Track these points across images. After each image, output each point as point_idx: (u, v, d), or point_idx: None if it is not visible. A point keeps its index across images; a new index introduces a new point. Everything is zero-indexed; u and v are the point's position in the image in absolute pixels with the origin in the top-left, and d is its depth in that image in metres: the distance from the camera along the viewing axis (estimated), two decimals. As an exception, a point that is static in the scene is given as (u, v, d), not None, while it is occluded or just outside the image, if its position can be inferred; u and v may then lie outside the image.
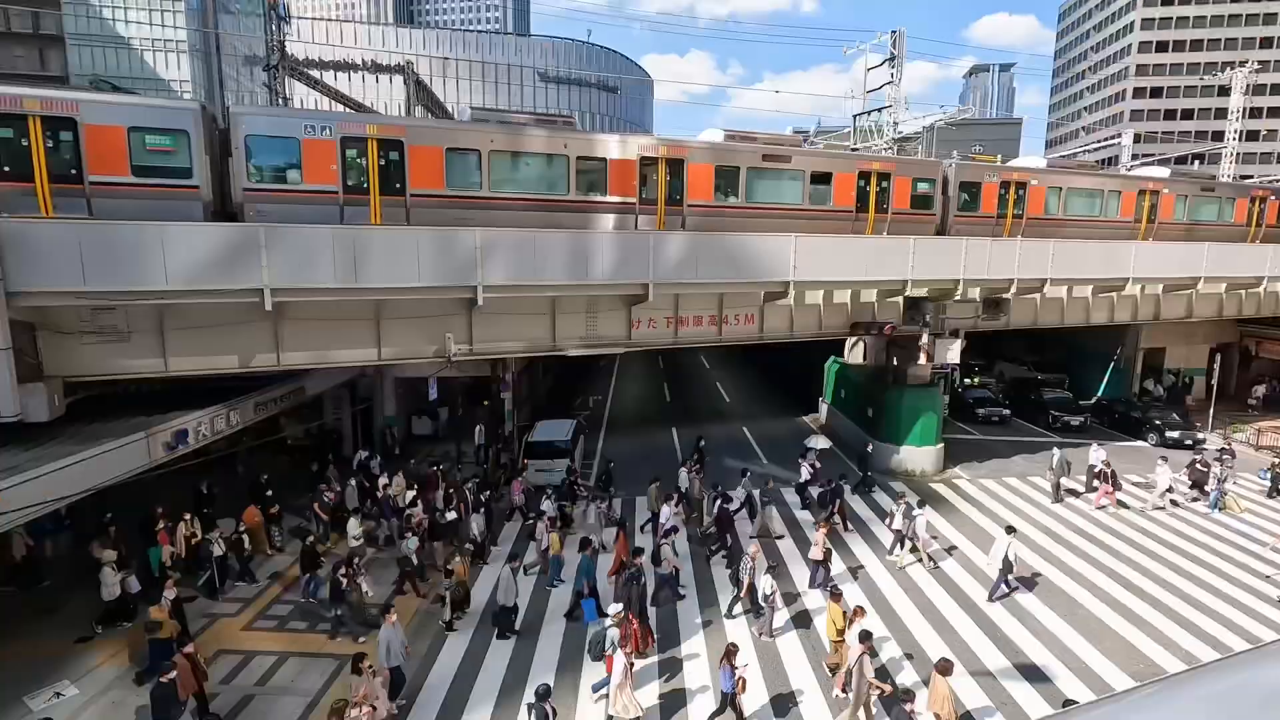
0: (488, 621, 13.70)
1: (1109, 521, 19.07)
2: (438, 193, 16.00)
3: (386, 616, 11.34)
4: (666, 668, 12.48)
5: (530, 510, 18.14)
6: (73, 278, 11.78)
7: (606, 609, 12.37)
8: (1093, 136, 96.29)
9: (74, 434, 13.44)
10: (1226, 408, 30.24)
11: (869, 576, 15.95)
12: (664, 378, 41.73)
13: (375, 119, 17.14)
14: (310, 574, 14.24)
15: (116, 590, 13.19)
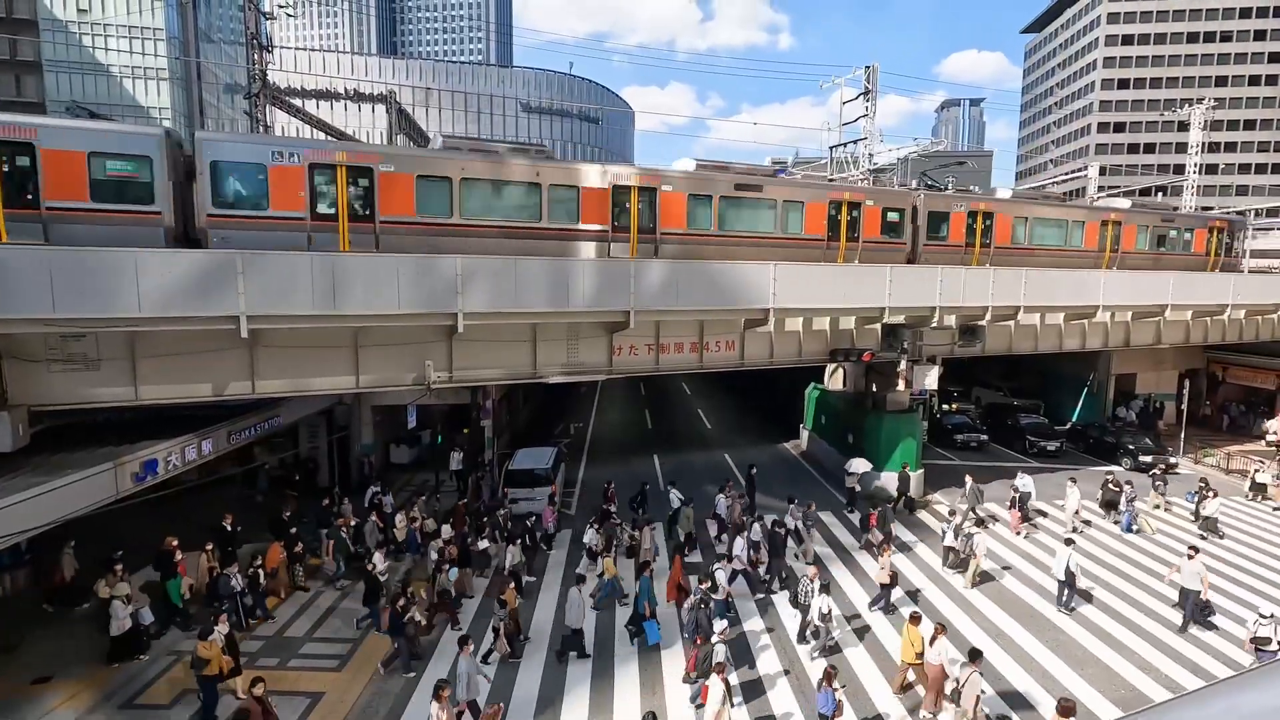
0: (542, 647, 13.73)
1: (1024, 546, 19.19)
2: (408, 219, 15.98)
3: (464, 648, 11.13)
4: (747, 693, 12.36)
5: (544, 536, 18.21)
6: (41, 304, 11.52)
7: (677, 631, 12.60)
8: (1061, 169, 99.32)
9: (39, 465, 13.04)
10: (1196, 432, 30.87)
11: (926, 598, 16.09)
12: (645, 404, 41.68)
13: (344, 146, 17.13)
14: (372, 606, 14.15)
15: (128, 623, 12.91)
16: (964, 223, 22.80)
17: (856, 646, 14.00)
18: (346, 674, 12.81)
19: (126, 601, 13.12)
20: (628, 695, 12.27)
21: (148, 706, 11.79)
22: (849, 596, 16.12)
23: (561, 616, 14.08)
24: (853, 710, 11.65)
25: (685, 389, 47.28)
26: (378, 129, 77.88)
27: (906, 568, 17.64)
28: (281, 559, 15.61)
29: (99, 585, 14.07)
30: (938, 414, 32.22)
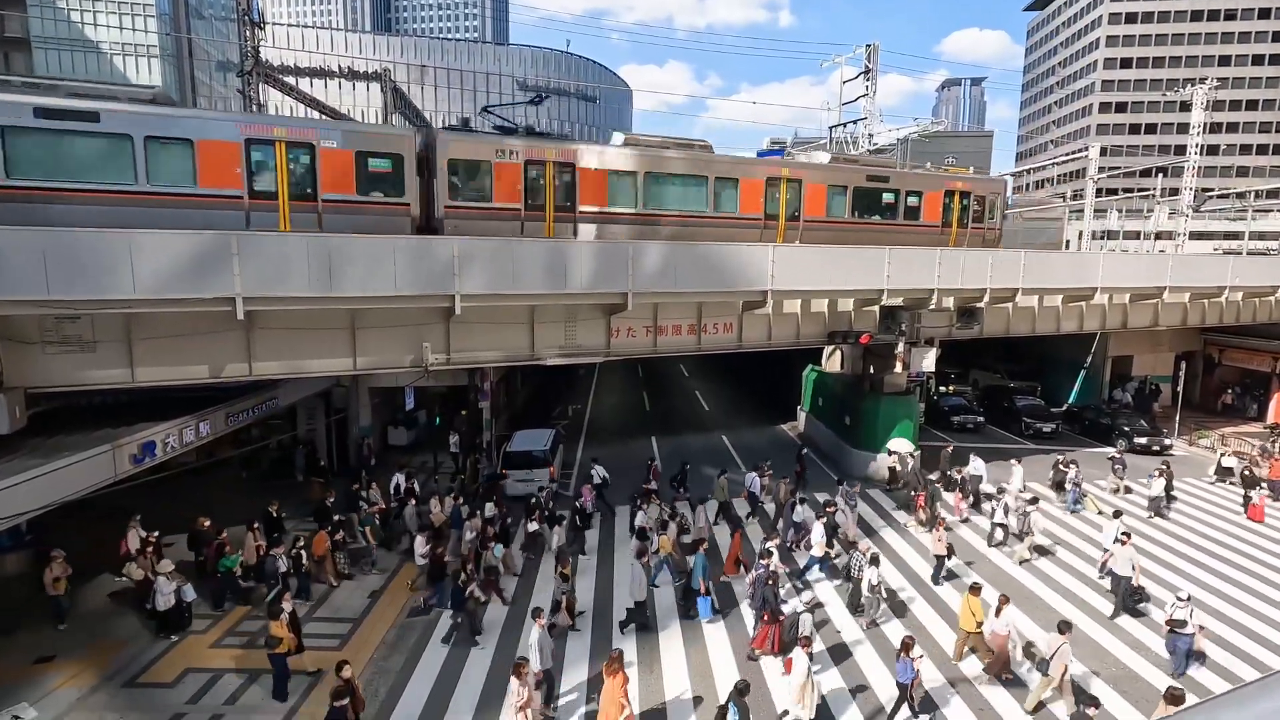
0: (598, 622, 14.08)
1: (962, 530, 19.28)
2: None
3: (537, 619, 11.29)
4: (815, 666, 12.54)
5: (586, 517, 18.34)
6: (35, 287, 11.44)
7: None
8: (1061, 149, 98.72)
9: (36, 447, 13.03)
10: (1192, 414, 31.02)
11: (973, 570, 16.49)
12: (643, 387, 41.73)
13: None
14: (438, 584, 14.46)
15: (171, 600, 13.22)
16: (517, 178, 17.16)
17: (904, 618, 14.51)
18: (346, 654, 12.89)
19: (170, 578, 13.39)
20: (678, 665, 12.70)
21: (150, 685, 11.91)
22: (891, 570, 16.46)
23: (606, 593, 14.99)
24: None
25: (683, 371, 47.32)
26: (373, 108, 77.03)
27: (918, 548, 17.82)
28: (328, 547, 15.50)
29: (129, 567, 14.25)
30: (934, 396, 32.33)
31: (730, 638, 13.59)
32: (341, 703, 9.43)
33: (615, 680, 10.09)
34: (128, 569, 14.30)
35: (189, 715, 11.13)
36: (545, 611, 11.87)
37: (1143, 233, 54.13)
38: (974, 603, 12.35)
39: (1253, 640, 13.67)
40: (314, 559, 15.20)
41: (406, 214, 15.87)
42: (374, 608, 14.75)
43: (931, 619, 14.44)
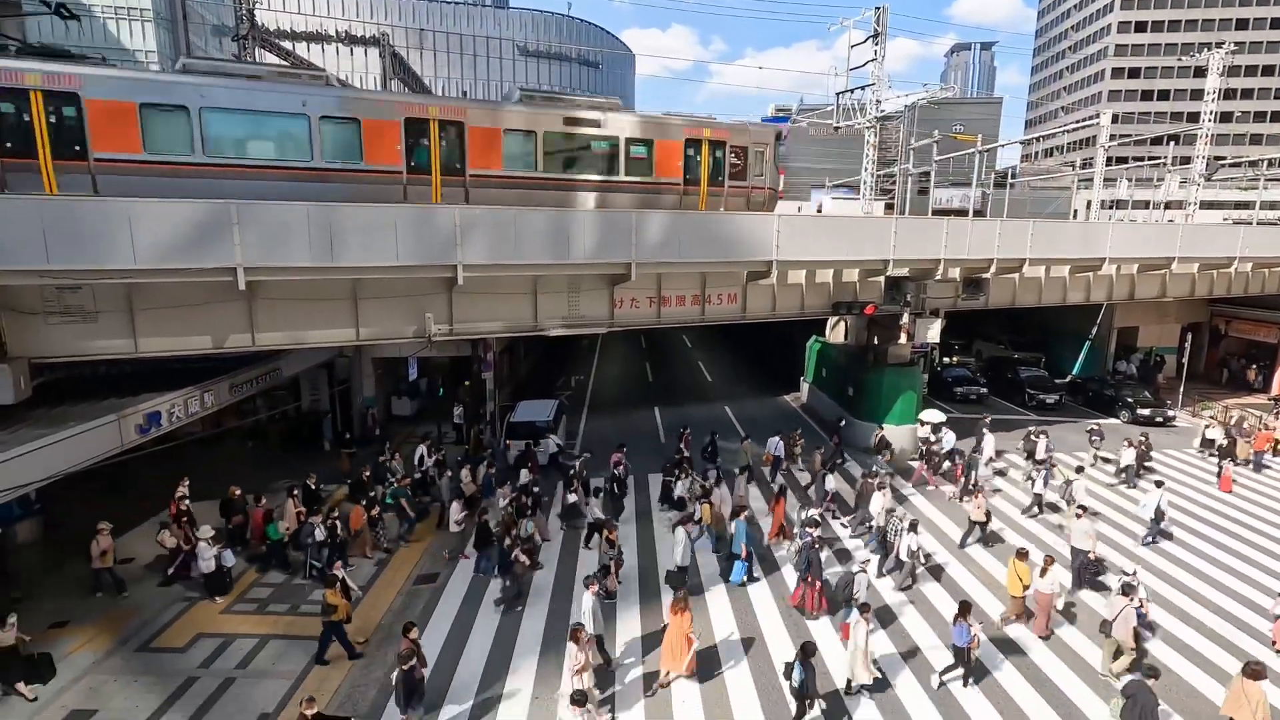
0: (633, 586, 14.44)
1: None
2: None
3: (590, 586, 11.63)
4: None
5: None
6: (35, 256, 11.36)
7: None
8: (1071, 116, 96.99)
9: (41, 417, 13.10)
10: (1196, 385, 30.95)
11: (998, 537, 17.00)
12: (646, 358, 41.70)
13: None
14: (484, 551, 14.72)
15: (212, 565, 13.55)
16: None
17: (940, 581, 14.94)
18: (355, 620, 13.08)
19: (211, 544, 13.66)
20: (725, 622, 13.24)
21: (163, 650, 12.13)
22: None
23: (647, 557, 15.60)
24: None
25: (686, 342, 47.24)
26: (371, 74, 75.73)
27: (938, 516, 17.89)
28: (364, 520, 15.52)
29: (162, 534, 14.44)
30: (938, 367, 32.27)
31: (774, 598, 14.11)
32: (410, 665, 9.68)
33: (683, 617, 11.14)
34: (161, 536, 14.51)
35: (201, 679, 11.35)
36: (596, 579, 12.26)
37: (1152, 202, 53.42)
38: (1021, 568, 12.70)
39: (1204, 607, 13.97)
40: (351, 533, 15.20)
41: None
42: (381, 575, 14.96)
43: (969, 582, 14.91)
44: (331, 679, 11.40)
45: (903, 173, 45.14)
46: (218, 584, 13.79)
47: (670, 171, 18.50)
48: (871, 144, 33.38)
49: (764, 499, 18.68)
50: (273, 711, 10.60)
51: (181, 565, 14.27)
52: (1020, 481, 20.56)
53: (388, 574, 14.99)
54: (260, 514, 15.38)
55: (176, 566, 14.35)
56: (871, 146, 33.62)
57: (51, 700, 10.71)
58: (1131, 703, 9.34)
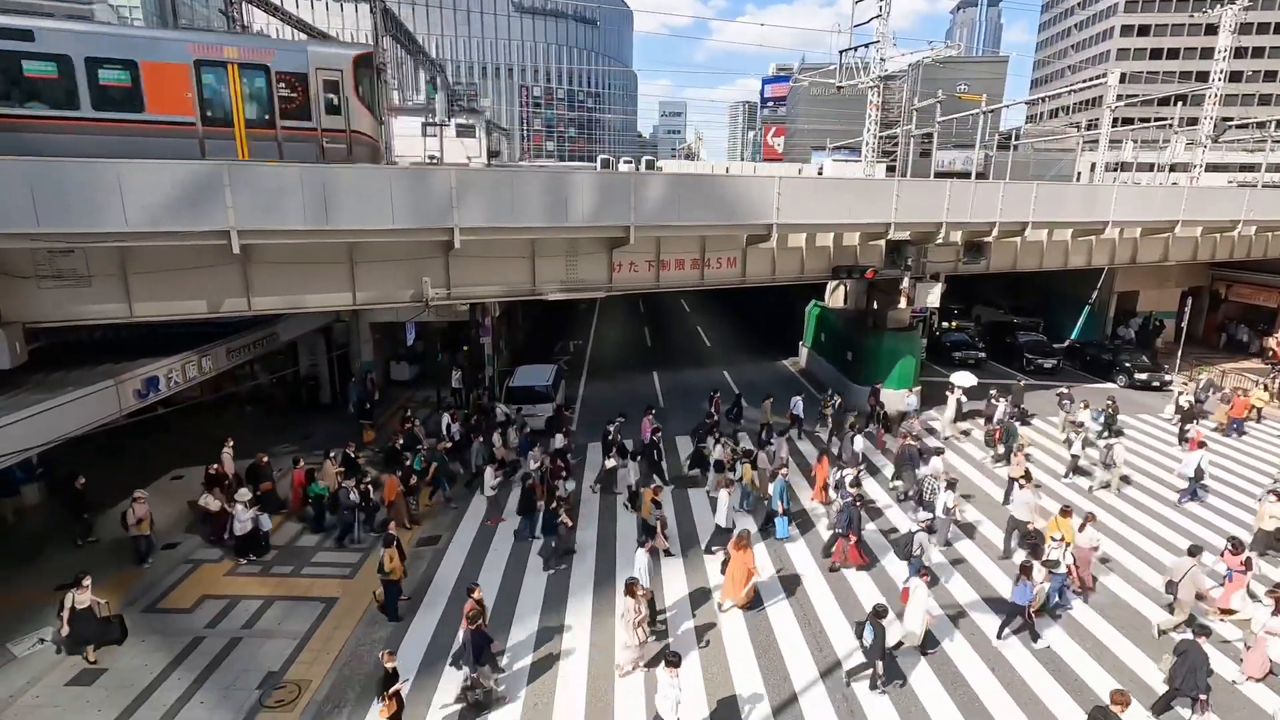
0: (685, 545, 14.86)
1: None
2: None
3: (645, 544, 12.13)
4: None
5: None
6: (25, 218, 11.19)
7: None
8: (1079, 75, 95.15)
9: (40, 383, 13.06)
10: (1194, 349, 31.00)
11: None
12: (645, 322, 41.60)
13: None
14: (526, 516, 14.99)
15: (249, 526, 13.73)
16: None
17: (974, 539, 15.41)
18: (357, 582, 13.32)
19: (247, 507, 13.81)
20: (768, 577, 13.69)
21: (170, 610, 12.32)
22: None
23: (684, 517, 16.10)
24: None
25: (685, 306, 47.08)
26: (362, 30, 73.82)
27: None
28: (399, 492, 15.38)
29: (205, 498, 14.59)
30: (937, 332, 32.23)
31: (813, 554, 14.59)
32: (478, 623, 9.95)
33: (745, 553, 12.05)
34: (204, 499, 14.65)
35: (208, 638, 11.55)
36: (649, 538, 12.60)
37: (1157, 164, 52.72)
38: (1064, 524, 13.02)
39: (1145, 564, 14.34)
40: (386, 503, 15.14)
41: None
42: (525, 539, 15.10)
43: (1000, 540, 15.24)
44: (336, 638, 11.61)
45: (905, 134, 44.44)
46: (252, 546, 13.97)
47: (175, 107, 13.85)
48: (874, 104, 32.80)
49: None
50: (279, 669, 10.80)
51: (221, 528, 14.35)
52: (1052, 443, 20.73)
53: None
54: (301, 474, 15.59)
55: (217, 529, 14.46)
56: (874, 107, 33.03)
57: (61, 660, 10.90)
58: (1181, 660, 9.57)
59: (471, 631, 9.78)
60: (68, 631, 10.58)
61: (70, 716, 9.75)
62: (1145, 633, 11.98)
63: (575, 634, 11.90)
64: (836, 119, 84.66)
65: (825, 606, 12.79)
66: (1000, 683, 10.82)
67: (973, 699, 10.49)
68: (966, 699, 10.48)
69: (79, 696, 10.15)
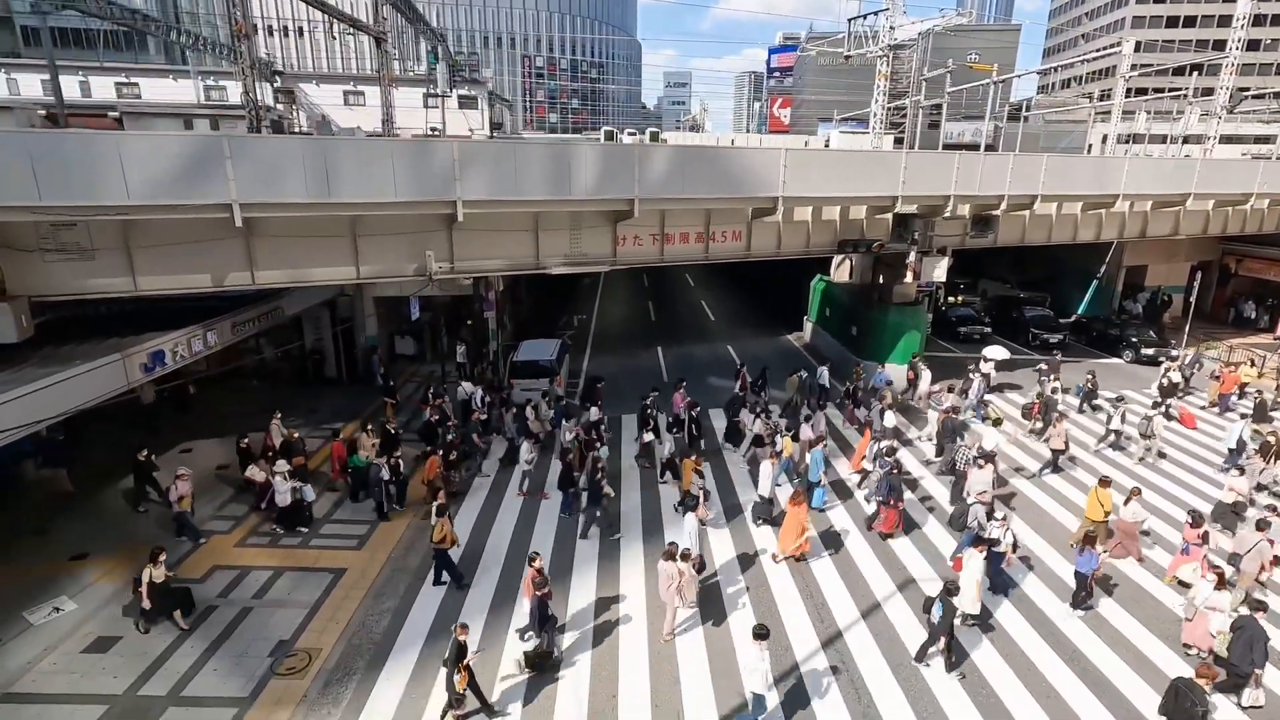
0: (728, 515, 15.22)
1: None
2: None
3: (694, 510, 12.50)
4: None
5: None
6: (26, 192, 11.12)
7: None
8: (1093, 44, 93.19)
9: (47, 356, 13.12)
10: (1202, 325, 30.78)
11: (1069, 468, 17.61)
12: (649, 296, 41.47)
13: None
14: (565, 490, 15.08)
15: (289, 499, 13.90)
16: None
17: (1007, 508, 15.42)
18: (365, 553, 13.50)
19: (286, 478, 13.96)
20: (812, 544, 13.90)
21: (181, 580, 12.48)
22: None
23: (724, 488, 16.39)
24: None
25: (689, 280, 46.88)
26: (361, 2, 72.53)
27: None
28: (438, 471, 15.33)
29: (252, 469, 14.77)
30: (942, 306, 32.05)
31: (853, 522, 14.98)
32: (544, 591, 10.21)
33: (800, 508, 12.74)
34: (250, 470, 14.82)
35: (220, 607, 11.75)
36: (694, 505, 12.86)
37: (1170, 136, 51.88)
38: (1104, 495, 13.32)
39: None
40: (425, 480, 15.17)
41: None
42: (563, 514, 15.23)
43: (1052, 507, 15.63)
44: (345, 608, 11.80)
45: (914, 105, 43.73)
46: (295, 517, 14.15)
47: None
48: (883, 74, 32.26)
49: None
50: (289, 638, 11.00)
51: (264, 499, 14.51)
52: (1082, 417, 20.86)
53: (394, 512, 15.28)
54: (340, 445, 15.74)
55: (260, 499, 14.62)
56: (883, 77, 32.50)
57: (77, 628, 11.12)
58: (1239, 634, 9.61)
59: (537, 598, 10.04)
60: (147, 605, 10.84)
61: (87, 682, 9.97)
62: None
63: (632, 601, 12.17)
64: (844, 90, 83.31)
65: (870, 568, 13.24)
66: (1061, 658, 10.86)
67: (1030, 668, 10.60)
68: (1024, 667, 10.61)
69: (95, 663, 10.36)
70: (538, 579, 10.28)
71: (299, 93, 47.42)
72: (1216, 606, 10.44)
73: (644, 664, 10.62)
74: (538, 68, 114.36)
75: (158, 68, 50.63)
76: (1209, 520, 14.02)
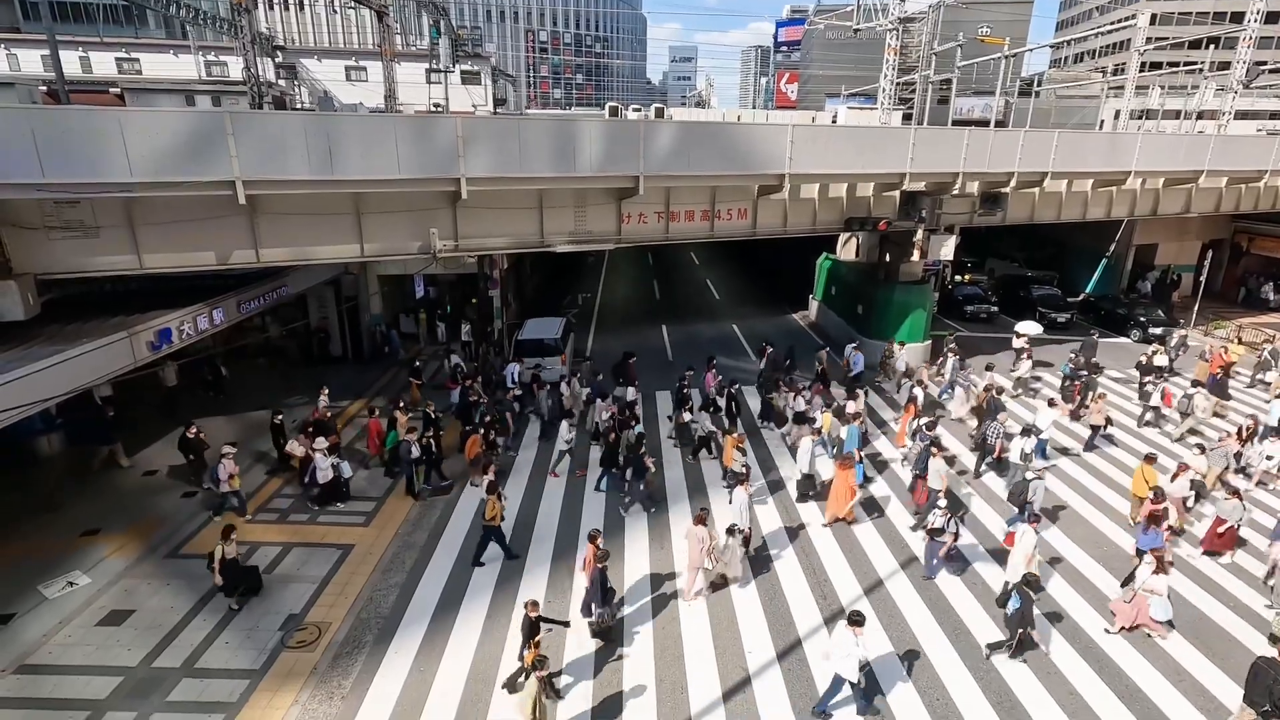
0: (770, 490, 15.55)
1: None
2: None
3: (744, 484, 12.64)
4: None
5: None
6: (29, 169, 11.11)
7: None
8: (1107, 16, 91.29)
9: (53, 334, 13.17)
10: (1212, 304, 30.52)
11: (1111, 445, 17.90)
12: (653, 275, 41.30)
13: None
14: (607, 468, 15.29)
15: (329, 474, 14.08)
16: None
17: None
18: (372, 530, 13.64)
19: (325, 455, 14.09)
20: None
21: (190, 556, 12.66)
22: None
23: (764, 465, 16.59)
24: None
25: (694, 259, 46.63)
26: (363, -28, 71.42)
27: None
28: (480, 450, 15.38)
29: (292, 444, 14.94)
30: (949, 285, 31.84)
31: (894, 496, 15.34)
32: (604, 565, 10.42)
33: (848, 472, 13.33)
34: (290, 445, 14.97)
35: (230, 582, 11.90)
36: (742, 479, 13.05)
37: (1184, 111, 50.99)
38: (1149, 471, 13.49)
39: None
40: (470, 459, 15.26)
41: None
42: (396, 486, 15.36)
43: (1092, 483, 15.86)
44: (353, 583, 11.95)
45: (923, 80, 43.00)
46: (334, 493, 14.33)
47: None
48: (892, 48, 31.72)
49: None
50: (299, 612, 11.16)
51: (304, 474, 14.61)
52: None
53: (401, 486, 15.37)
54: (377, 423, 15.96)
55: (299, 475, 14.78)
56: (892, 51, 31.96)
57: (90, 602, 11.29)
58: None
59: (598, 571, 10.28)
60: (219, 581, 11.02)
61: (101, 654, 10.16)
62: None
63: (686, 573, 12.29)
64: (852, 64, 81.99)
65: (915, 539, 13.53)
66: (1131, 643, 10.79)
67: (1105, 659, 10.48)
68: (1096, 657, 10.53)
69: (109, 636, 10.55)
70: (598, 553, 10.50)
71: (300, 68, 46.99)
72: (1154, 590, 10.42)
73: (707, 631, 10.94)
74: (541, 42, 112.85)
75: (158, 42, 50.15)
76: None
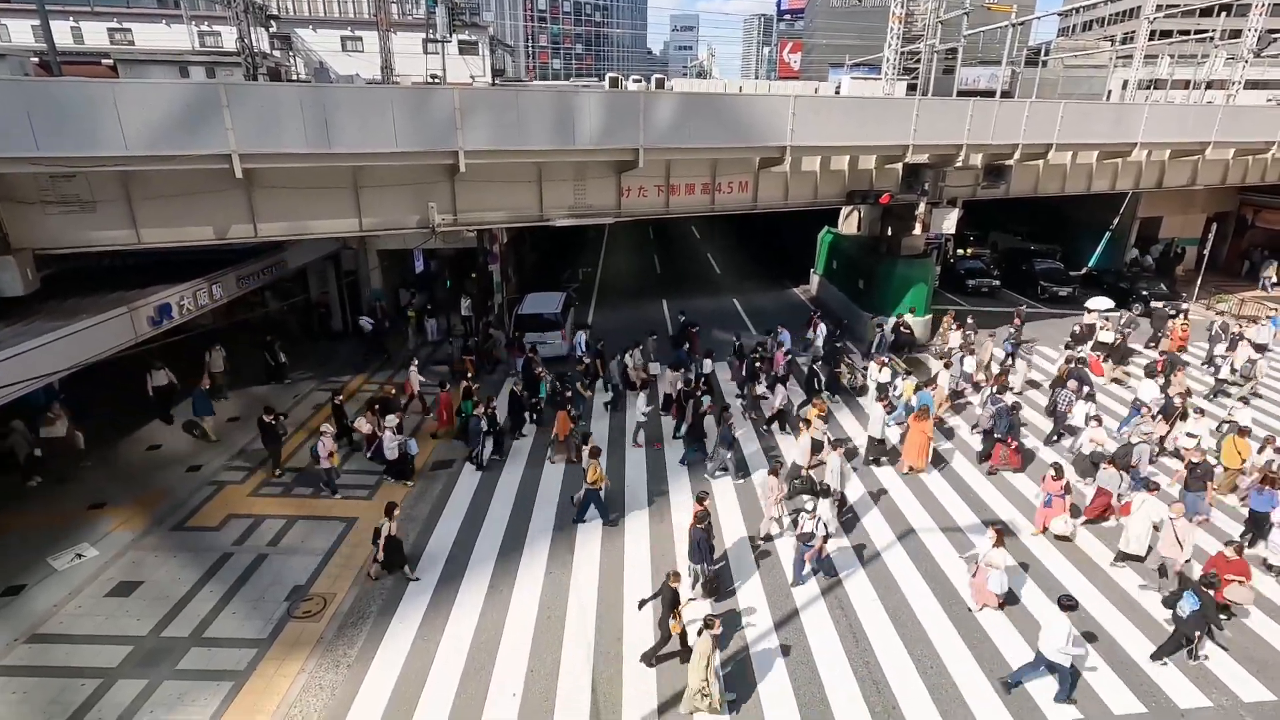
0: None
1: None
2: None
3: (836, 449, 13.06)
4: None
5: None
6: (24, 142, 11.01)
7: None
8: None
9: (53, 310, 13.17)
10: (1215, 277, 30.38)
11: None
12: (654, 249, 41.10)
13: None
14: (696, 441, 15.44)
15: (395, 452, 14.23)
16: None
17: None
18: (376, 504, 13.76)
19: (394, 433, 14.25)
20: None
21: (197, 529, 12.83)
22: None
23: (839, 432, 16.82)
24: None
25: (695, 233, 46.36)
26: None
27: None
28: (569, 428, 15.34)
29: (358, 421, 15.12)
30: (951, 259, 31.66)
31: (964, 458, 15.72)
32: (705, 523, 10.69)
33: (924, 423, 14.20)
34: (357, 422, 15.13)
35: (236, 554, 12.07)
36: (840, 443, 13.49)
37: (1192, 81, 50.18)
38: (1241, 443, 13.67)
39: None
40: (562, 438, 15.26)
41: None
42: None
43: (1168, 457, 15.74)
44: (357, 556, 12.11)
45: (929, 49, 42.29)
46: (401, 470, 14.52)
47: None
48: (897, 16, 31.17)
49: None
50: (304, 583, 11.34)
51: (371, 450, 14.77)
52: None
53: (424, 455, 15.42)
54: (447, 396, 16.44)
55: (367, 450, 14.94)
56: (897, 20, 31.41)
57: (99, 573, 11.46)
58: None
59: (700, 530, 10.55)
60: (380, 557, 11.23)
61: (111, 624, 10.34)
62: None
63: (786, 538, 12.59)
64: (856, 34, 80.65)
65: (990, 495, 14.13)
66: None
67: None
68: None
69: (118, 607, 10.72)
70: (701, 512, 10.78)
71: (295, 38, 46.22)
72: (994, 564, 10.46)
73: (814, 591, 11.29)
74: (540, 11, 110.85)
75: (150, 12, 49.25)
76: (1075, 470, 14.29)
